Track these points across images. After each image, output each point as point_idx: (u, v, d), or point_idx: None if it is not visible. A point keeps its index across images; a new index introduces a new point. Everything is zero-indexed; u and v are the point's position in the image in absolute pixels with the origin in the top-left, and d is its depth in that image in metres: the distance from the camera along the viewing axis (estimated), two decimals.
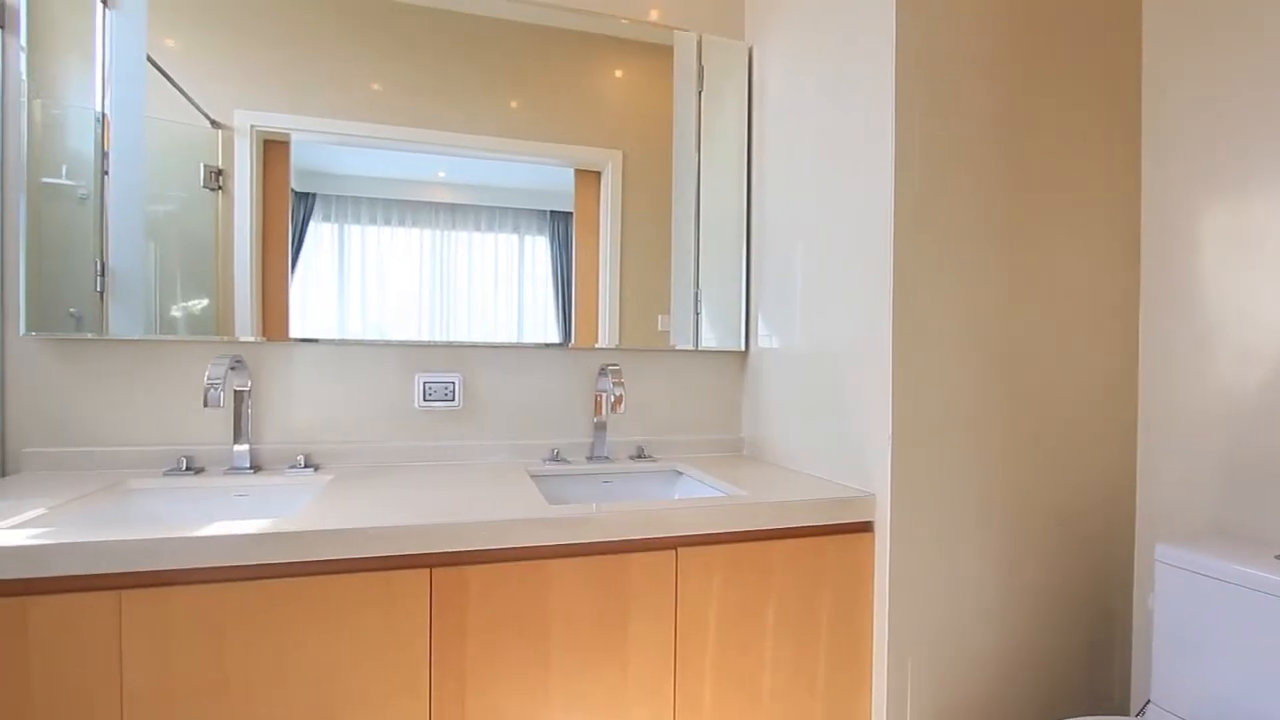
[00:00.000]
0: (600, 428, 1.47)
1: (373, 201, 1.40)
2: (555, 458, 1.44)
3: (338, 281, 1.38)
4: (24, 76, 1.18)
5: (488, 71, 1.44)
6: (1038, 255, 1.22)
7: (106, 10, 1.21)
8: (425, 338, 1.42)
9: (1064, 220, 1.24)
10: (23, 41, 1.18)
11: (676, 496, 1.43)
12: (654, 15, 1.59)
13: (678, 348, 1.57)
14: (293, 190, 1.35)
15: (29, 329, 1.18)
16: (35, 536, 0.81)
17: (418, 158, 1.43)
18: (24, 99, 1.18)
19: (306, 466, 1.29)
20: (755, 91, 1.59)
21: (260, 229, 1.32)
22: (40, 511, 0.94)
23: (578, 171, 1.53)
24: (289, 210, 1.34)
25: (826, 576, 1.13)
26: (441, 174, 1.45)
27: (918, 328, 1.11)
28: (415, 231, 1.42)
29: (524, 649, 0.97)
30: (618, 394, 1.27)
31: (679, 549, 1.05)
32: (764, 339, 1.54)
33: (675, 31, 1.56)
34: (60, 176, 1.21)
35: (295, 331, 1.34)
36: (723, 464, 1.47)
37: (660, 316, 1.58)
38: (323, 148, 1.37)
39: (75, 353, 1.25)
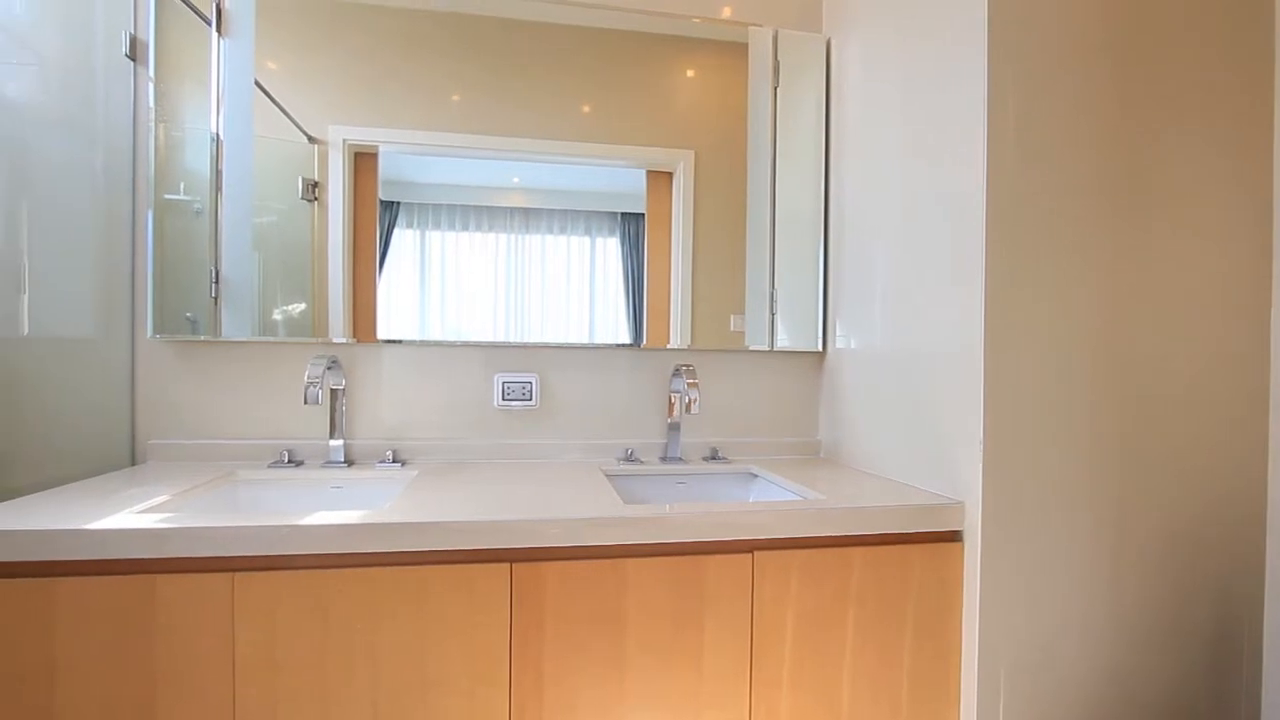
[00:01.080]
0: (674, 428, 1.46)
1: (451, 208, 1.46)
2: (629, 458, 1.46)
3: (419, 285, 1.45)
4: (152, 104, 1.30)
5: (561, 78, 1.47)
6: (1149, 252, 1.12)
7: (221, 39, 1.32)
8: (500, 339, 1.47)
9: (1179, 214, 1.14)
10: (151, 72, 1.30)
11: (751, 499, 1.41)
12: (727, 13, 1.58)
13: (752, 348, 1.55)
14: (379, 200, 1.42)
15: (155, 332, 1.31)
16: (161, 521, 0.89)
17: (493, 165, 1.47)
18: (152, 123, 1.30)
19: (394, 461, 1.36)
20: (833, 85, 1.54)
21: (351, 237, 1.40)
22: (164, 498, 1.03)
23: (649, 173, 1.53)
24: (376, 218, 1.41)
25: (910, 586, 1.08)
26: (516, 179, 1.49)
27: (1013, 327, 1.05)
28: (491, 236, 1.47)
29: (601, 646, 0.98)
30: (692, 395, 1.27)
31: (756, 552, 1.03)
32: (842, 339, 1.49)
33: (750, 28, 1.54)
34: (179, 193, 1.33)
35: (382, 333, 1.41)
36: (799, 467, 1.43)
37: (733, 316, 1.56)
38: (407, 158, 1.43)
39: (192, 353, 1.37)
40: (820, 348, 1.56)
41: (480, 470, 1.33)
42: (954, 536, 1.09)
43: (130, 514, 0.92)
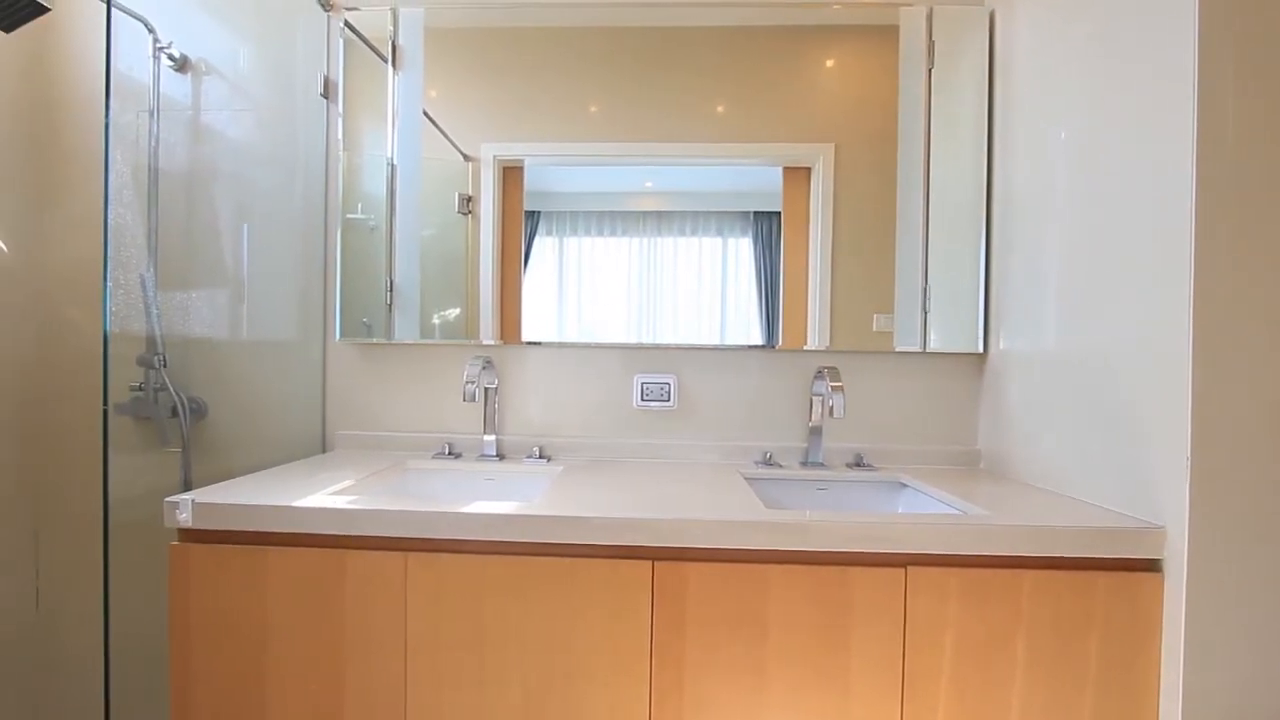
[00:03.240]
0: (815, 432, 1.41)
1: (587, 214, 1.52)
2: (768, 461, 1.42)
3: (557, 289, 1.51)
4: (340, 135, 1.49)
5: (695, 80, 1.48)
6: None
7: (395, 74, 1.48)
8: (633, 340, 1.50)
9: None
10: (340, 108, 1.49)
11: (900, 510, 1.32)
12: None
13: (900, 349, 1.45)
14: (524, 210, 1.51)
15: (342, 335, 1.49)
16: (349, 502, 1.01)
17: (627, 170, 1.51)
18: (340, 153, 1.49)
19: (541, 457, 1.44)
20: (997, 61, 1.41)
21: (499, 246, 1.50)
22: (350, 482, 1.17)
23: (786, 169, 1.49)
24: (522, 227, 1.50)
25: (1094, 620, 0.95)
26: (649, 184, 1.52)
27: (1227, 323, 0.89)
28: (624, 240, 1.51)
29: (741, 651, 0.96)
30: (836, 399, 1.21)
31: (909, 568, 0.96)
32: (1007, 339, 1.36)
33: (901, 8, 1.45)
34: (357, 212, 1.51)
35: (526, 335, 1.50)
36: (955, 478, 1.32)
37: (876, 316, 1.47)
38: (546, 169, 1.51)
39: (370, 354, 1.54)
40: (980, 349, 1.43)
41: (621, 469, 1.37)
42: (1151, 566, 0.95)
43: (324, 495, 1.05)
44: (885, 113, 1.46)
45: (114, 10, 1.06)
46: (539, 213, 1.52)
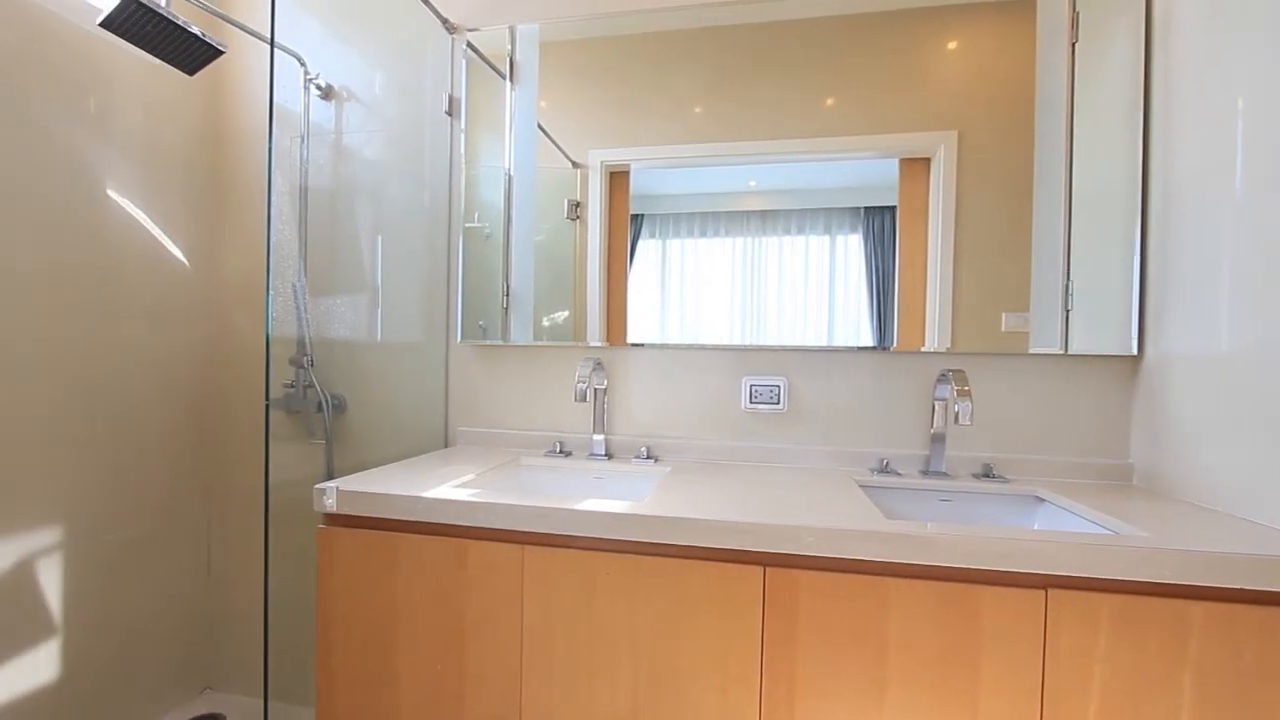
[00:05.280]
0: (937, 439, 1.32)
1: (690, 216, 1.51)
2: (884, 468, 1.35)
3: (660, 292, 1.52)
4: (463, 150, 1.59)
5: (801, 74, 1.44)
6: None
7: (513, 88, 1.56)
8: (737, 342, 1.48)
9: None
10: (463, 124, 1.59)
11: (1036, 526, 1.20)
12: None
13: (1035, 351, 1.33)
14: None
15: (463, 337, 1.58)
16: (471, 495, 1.07)
17: (730, 170, 1.49)
18: (463, 167, 1.58)
19: (648, 458, 1.45)
20: (1156, 29, 1.25)
21: (606, 249, 1.54)
22: (470, 476, 1.24)
23: (903, 161, 1.41)
24: (628, 231, 1.53)
25: None
26: (753, 183, 1.49)
27: None
28: (728, 241, 1.49)
29: (858, 666, 0.92)
30: (963, 405, 1.12)
31: (1050, 590, 0.88)
32: (1169, 340, 1.20)
33: None
34: (475, 221, 1.59)
35: (632, 337, 1.52)
36: (1103, 494, 1.19)
37: (1005, 315, 1.36)
38: (650, 173, 1.52)
39: (487, 355, 1.62)
40: (1134, 351, 1.28)
41: (729, 471, 1.35)
42: None
43: (448, 487, 1.12)
44: (1017, 94, 1.34)
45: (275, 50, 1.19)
46: (642, 215, 1.53)
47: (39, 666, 1.40)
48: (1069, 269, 1.31)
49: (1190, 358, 1.14)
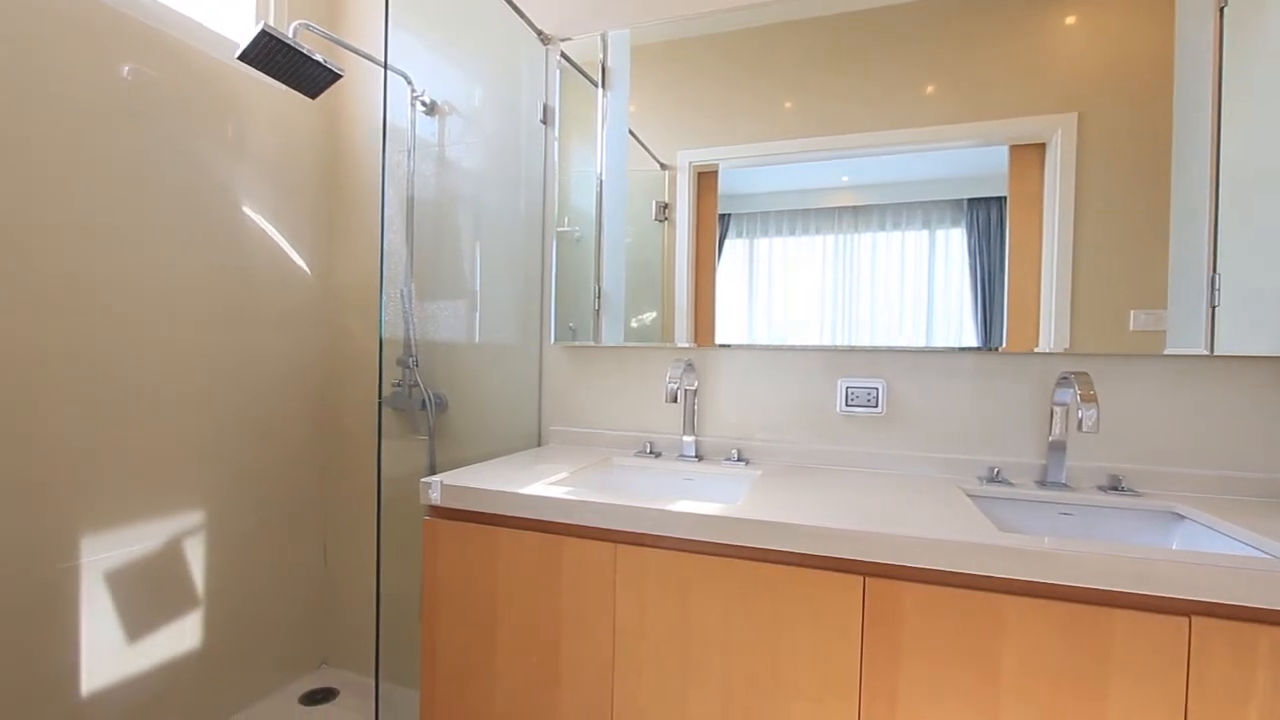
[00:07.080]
0: (1057, 448, 1.22)
1: (779, 214, 1.48)
2: (995, 477, 1.27)
3: (748, 292, 1.50)
4: (556, 156, 1.63)
5: (897, 63, 1.37)
6: None
7: (604, 95, 1.59)
8: (828, 342, 1.43)
9: None
10: (556, 132, 1.64)
11: (1174, 545, 1.09)
12: None
13: (1172, 352, 1.20)
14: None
15: (556, 339, 1.63)
16: (566, 493, 1.10)
17: (820, 166, 1.44)
18: (556, 173, 1.63)
19: (739, 460, 1.43)
20: None
21: (694, 250, 1.53)
22: (565, 474, 1.27)
23: (1013, 148, 1.32)
24: (716, 231, 1.52)
25: None
26: (844, 179, 1.43)
27: None
28: (818, 239, 1.44)
29: (967, 689, 0.87)
30: (1087, 411, 1.03)
31: (1194, 617, 0.79)
32: None
33: None
34: (565, 225, 1.64)
35: (720, 338, 1.51)
36: (1257, 512, 1.06)
37: (1133, 312, 1.23)
38: (737, 172, 1.50)
39: (578, 356, 1.66)
40: None
41: (824, 476, 1.31)
42: None
43: (544, 484, 1.16)
44: (1151, 69, 1.22)
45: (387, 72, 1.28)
46: (729, 215, 1.52)
47: (185, 634, 1.57)
48: (1215, 261, 1.17)
49: None
